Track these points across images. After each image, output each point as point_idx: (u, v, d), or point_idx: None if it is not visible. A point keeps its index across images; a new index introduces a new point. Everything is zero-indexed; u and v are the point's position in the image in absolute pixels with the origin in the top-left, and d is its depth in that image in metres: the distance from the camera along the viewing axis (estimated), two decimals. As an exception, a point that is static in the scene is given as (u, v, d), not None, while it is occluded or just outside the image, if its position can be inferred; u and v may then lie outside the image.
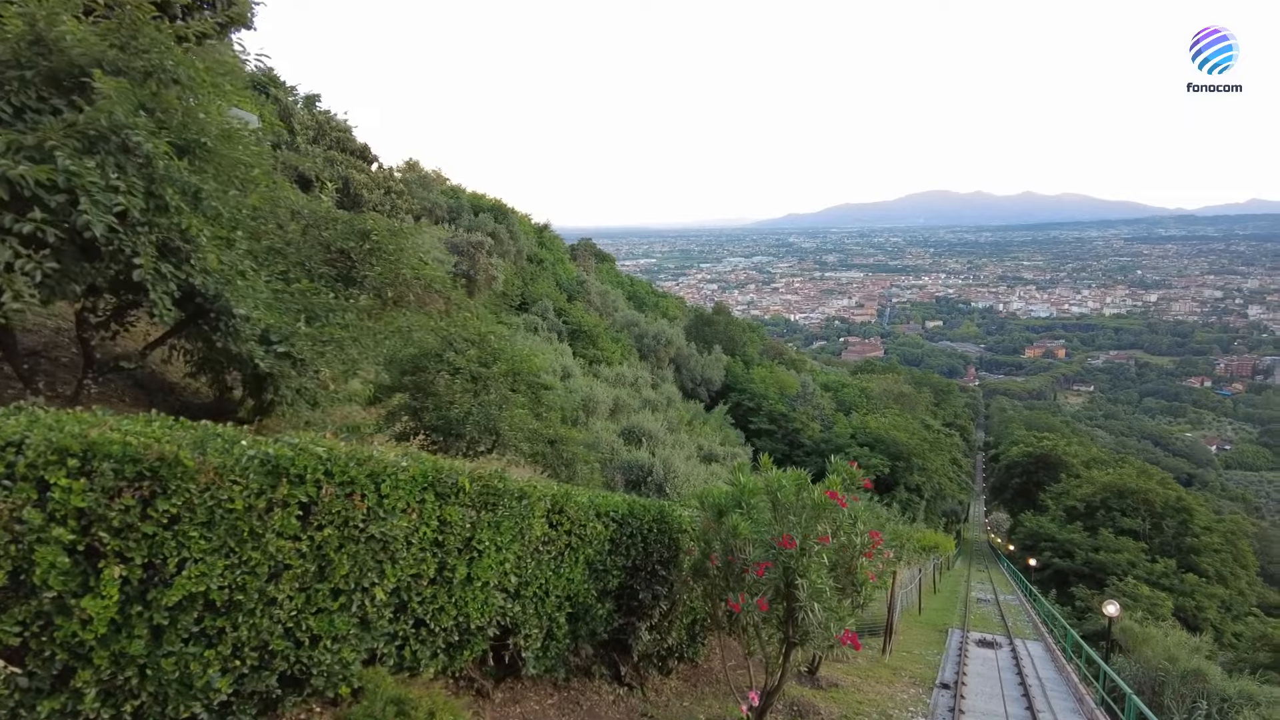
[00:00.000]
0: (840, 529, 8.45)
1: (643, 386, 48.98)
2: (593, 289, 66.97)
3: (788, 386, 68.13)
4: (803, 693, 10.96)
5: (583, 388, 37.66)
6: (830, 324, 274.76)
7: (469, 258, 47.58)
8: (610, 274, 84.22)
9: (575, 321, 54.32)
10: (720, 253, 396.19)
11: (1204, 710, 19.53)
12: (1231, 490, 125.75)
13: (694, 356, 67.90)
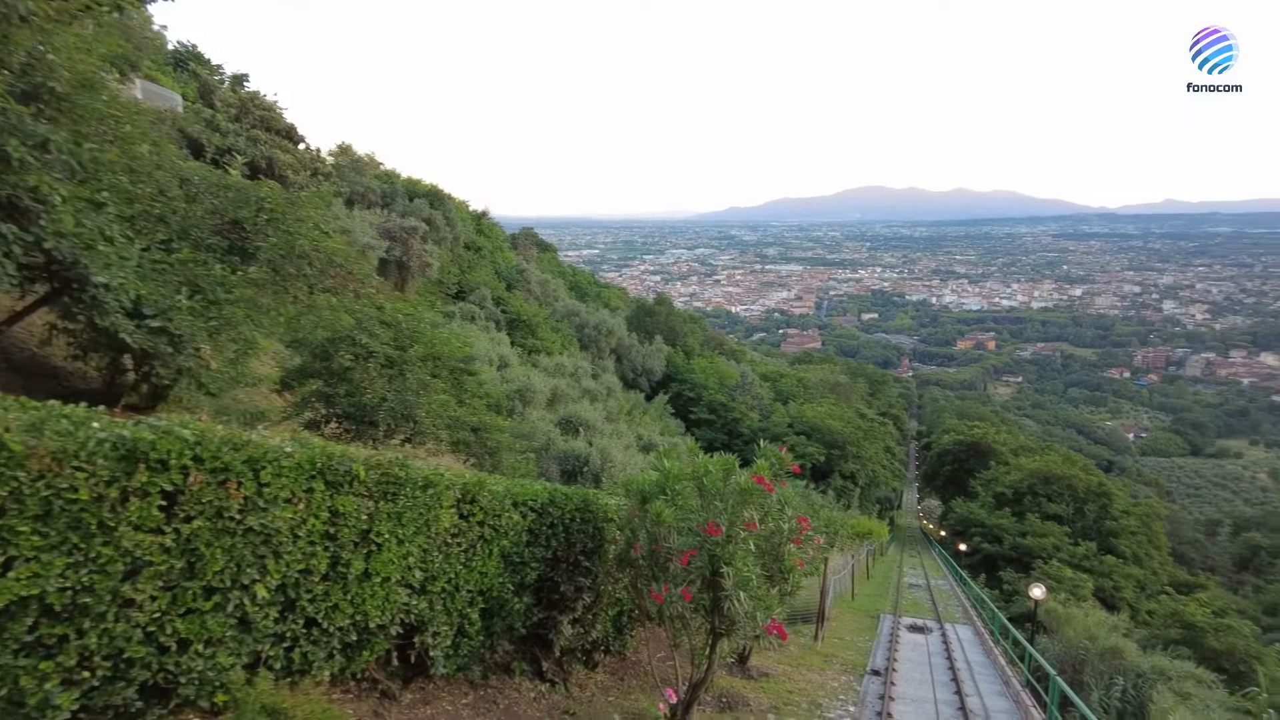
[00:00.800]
0: (768, 515, 8.20)
1: (583, 376, 48.45)
2: (533, 278, 66.05)
3: (728, 377, 68.47)
4: (732, 683, 10.74)
5: (519, 377, 36.96)
6: (770, 316, 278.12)
7: (402, 244, 46.25)
8: (552, 264, 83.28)
9: (514, 311, 53.45)
10: (663, 244, 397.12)
11: (1120, 686, 20.17)
12: (1146, 475, 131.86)
13: (635, 347, 67.65)
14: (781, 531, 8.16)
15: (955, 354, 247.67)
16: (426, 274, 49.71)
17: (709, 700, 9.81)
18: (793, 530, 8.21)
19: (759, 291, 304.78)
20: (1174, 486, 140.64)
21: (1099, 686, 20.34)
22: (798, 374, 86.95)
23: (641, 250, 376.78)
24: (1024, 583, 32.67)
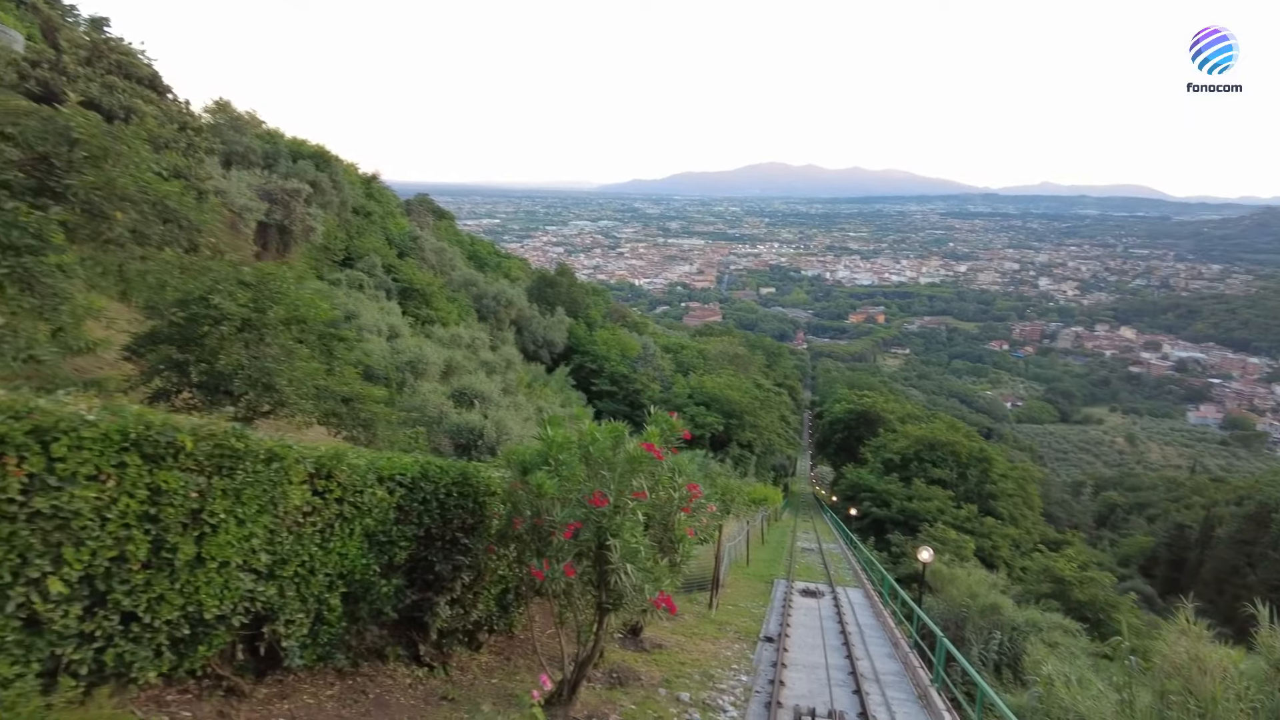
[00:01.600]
0: (659, 483, 7.86)
1: (480, 348, 47.22)
2: (428, 246, 63.68)
3: (630, 349, 68.33)
4: (624, 657, 10.44)
5: (411, 348, 35.56)
6: (673, 289, 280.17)
7: (284, 207, 43.51)
8: (449, 232, 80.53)
9: (406, 279, 51.39)
10: (566, 215, 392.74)
11: (998, 639, 21.16)
12: (1022, 442, 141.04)
13: (536, 318, 66.51)
14: (672, 500, 7.84)
15: (847, 327, 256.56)
16: (310, 239, 47.04)
17: (599, 676, 9.48)
18: (683, 498, 7.90)
19: (662, 265, 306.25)
20: (1045, 451, 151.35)
21: (979, 641, 21.26)
22: (698, 346, 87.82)
23: (544, 221, 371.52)
24: (911, 545, 34.10)
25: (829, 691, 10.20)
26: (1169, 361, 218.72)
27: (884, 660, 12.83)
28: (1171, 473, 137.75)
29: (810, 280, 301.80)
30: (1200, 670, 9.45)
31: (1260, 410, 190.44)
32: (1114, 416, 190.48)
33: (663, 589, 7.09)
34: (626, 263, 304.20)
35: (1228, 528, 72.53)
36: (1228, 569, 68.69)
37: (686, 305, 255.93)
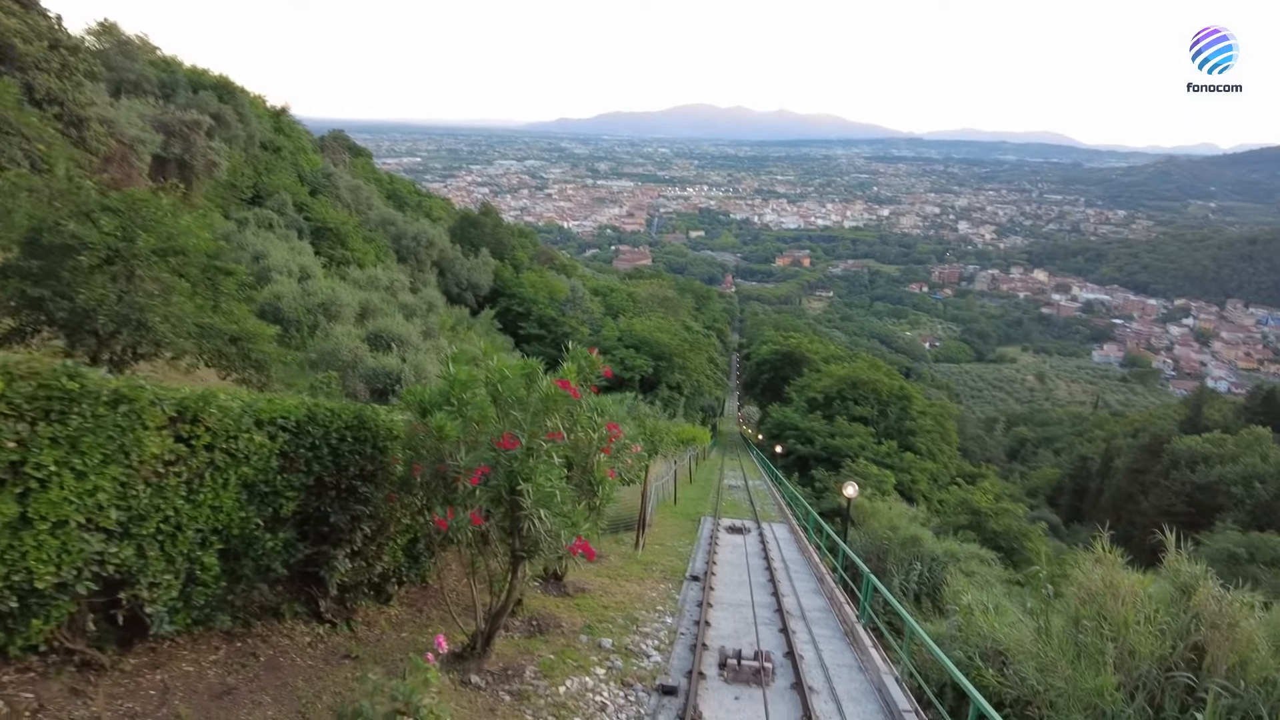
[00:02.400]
0: (578, 424, 7.33)
1: (400, 290, 45.51)
2: (342, 184, 60.67)
3: (558, 291, 67.22)
4: (545, 603, 10.05)
5: (323, 289, 33.90)
6: (602, 232, 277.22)
7: (183, 140, 40.54)
8: (367, 170, 76.92)
9: (319, 218, 48.90)
10: (491, 154, 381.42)
11: (918, 570, 21.79)
12: (939, 381, 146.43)
13: (460, 260, 64.63)
14: (592, 441, 7.35)
15: (774, 271, 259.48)
16: (214, 175, 44.13)
17: (518, 625, 9.06)
18: (603, 439, 7.41)
19: (591, 207, 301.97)
20: (961, 389, 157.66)
21: (900, 572, 21.85)
22: (628, 289, 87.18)
23: (468, 160, 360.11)
24: (834, 480, 34.80)
25: (755, 631, 10.05)
26: (1077, 303, 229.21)
27: (810, 596, 12.83)
28: (1076, 408, 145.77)
29: (739, 224, 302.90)
30: (1114, 596, 9.63)
31: (1156, 349, 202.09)
32: (1026, 356, 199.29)
33: (581, 534, 6.63)
34: (555, 204, 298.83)
35: (1125, 459, 77.15)
36: (1124, 496, 73.35)
37: (616, 249, 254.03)
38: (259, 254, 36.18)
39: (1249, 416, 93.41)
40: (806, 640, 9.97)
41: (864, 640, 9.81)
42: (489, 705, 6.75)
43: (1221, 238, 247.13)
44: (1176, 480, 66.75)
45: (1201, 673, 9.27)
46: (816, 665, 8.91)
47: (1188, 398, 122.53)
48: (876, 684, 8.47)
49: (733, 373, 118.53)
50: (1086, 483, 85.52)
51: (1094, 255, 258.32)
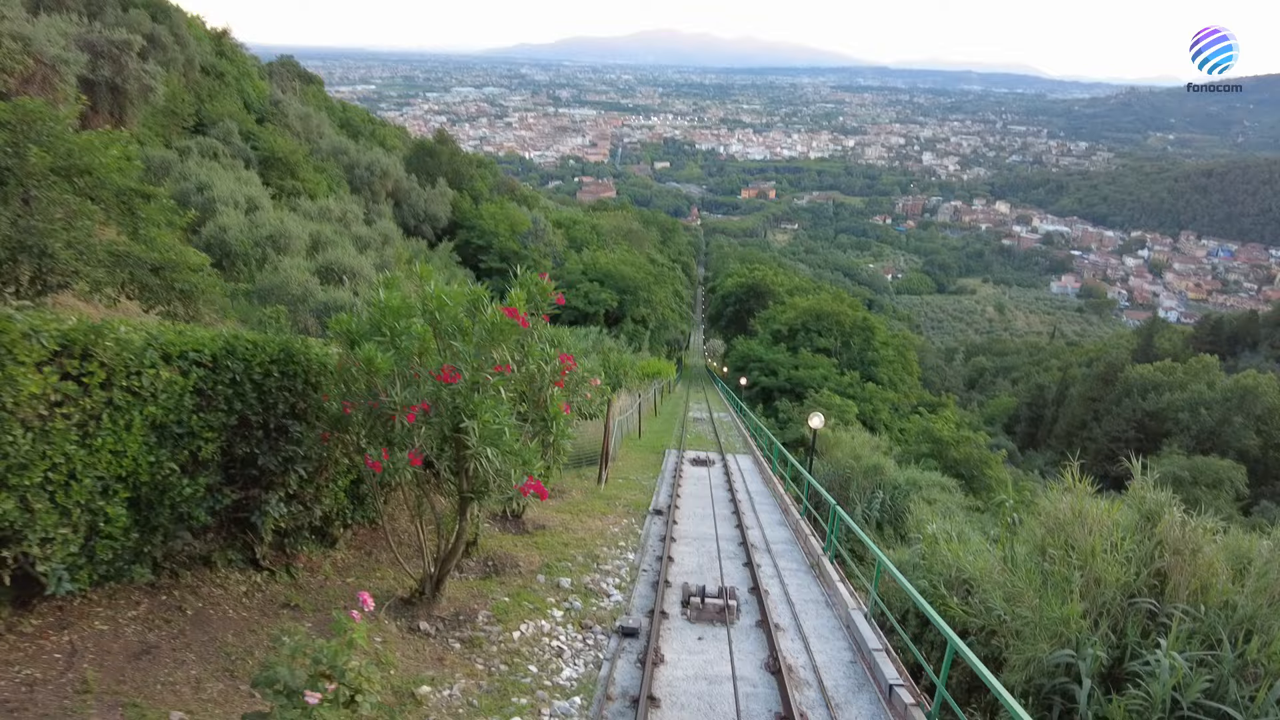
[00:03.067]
0: (529, 355, 6.78)
1: (353, 222, 43.89)
2: (291, 112, 57.78)
3: (519, 224, 65.61)
4: (502, 542, 9.66)
5: (271, 221, 32.44)
6: (565, 163, 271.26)
7: (113, 61, 37.89)
8: (318, 98, 73.26)
9: (267, 148, 46.59)
10: (448, 81, 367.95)
11: (880, 498, 21.98)
12: (900, 312, 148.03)
13: (416, 190, 62.60)
14: (543, 374, 6.81)
15: (740, 203, 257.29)
16: (150, 100, 41.57)
17: (472, 566, 8.67)
18: (556, 372, 6.88)
19: (553, 136, 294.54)
20: (922, 321, 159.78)
21: (862, 501, 22.02)
22: (591, 221, 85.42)
23: (424, 88, 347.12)
24: (798, 411, 34.92)
25: (719, 565, 9.82)
26: (1037, 235, 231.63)
27: (775, 529, 12.66)
28: (1034, 339, 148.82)
29: (704, 155, 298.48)
30: (1083, 525, 9.51)
31: (1111, 280, 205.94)
32: (986, 287, 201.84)
33: (534, 473, 6.14)
34: (515, 134, 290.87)
35: (1080, 387, 79.11)
36: (1077, 424, 75.46)
37: (580, 180, 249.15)
38: (203, 184, 34.43)
39: (1197, 345, 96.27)
40: (772, 574, 9.76)
41: (830, 574, 9.62)
42: (437, 654, 6.36)
43: (1178, 170, 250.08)
44: (1128, 407, 68.74)
45: (1164, 598, 9.27)
46: (782, 600, 8.70)
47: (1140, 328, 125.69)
48: (844, 620, 8.28)
49: (698, 306, 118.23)
50: (1042, 411, 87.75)
51: (1055, 187, 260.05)
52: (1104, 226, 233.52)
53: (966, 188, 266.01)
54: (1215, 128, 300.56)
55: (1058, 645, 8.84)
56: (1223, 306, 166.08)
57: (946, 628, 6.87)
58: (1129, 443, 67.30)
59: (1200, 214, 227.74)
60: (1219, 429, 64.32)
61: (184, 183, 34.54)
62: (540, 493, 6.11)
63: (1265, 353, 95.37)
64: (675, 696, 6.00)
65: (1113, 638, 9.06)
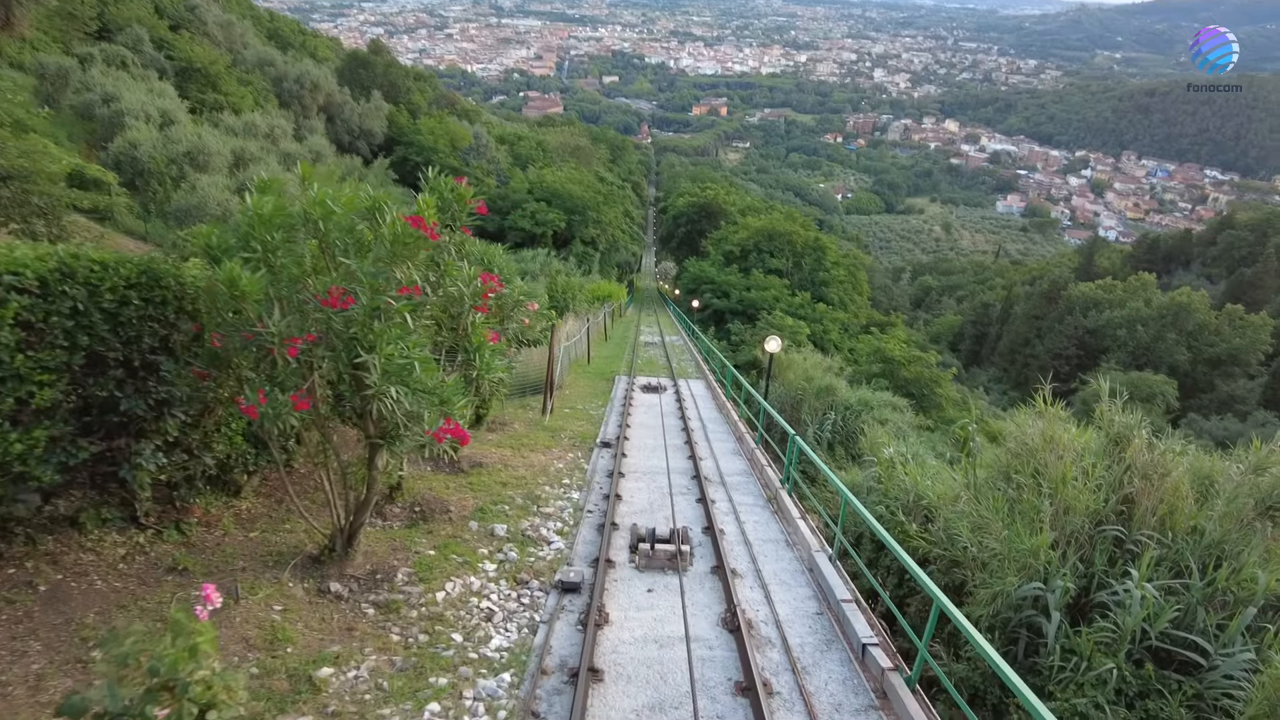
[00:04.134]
0: (445, 276, 5.75)
1: (281, 138, 41.16)
2: (210, 19, 53.34)
3: (460, 139, 62.63)
4: (433, 484, 8.77)
5: (189, 136, 29.96)
6: (509, 77, 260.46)
7: (-6, -47, 34.16)
8: (242, 6, 67.84)
9: (184, 57, 43.01)
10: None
11: (832, 419, 21.69)
12: (850, 232, 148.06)
13: (350, 104, 59.14)
14: (462, 297, 5.80)
15: (691, 120, 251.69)
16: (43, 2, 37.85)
17: (397, 513, 7.78)
18: (477, 294, 5.87)
19: (496, 49, 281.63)
20: (870, 240, 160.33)
21: (814, 422, 21.69)
22: (537, 137, 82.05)
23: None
24: (750, 334, 34.37)
25: (670, 503, 9.11)
26: (985, 154, 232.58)
27: (729, 459, 12.04)
28: (979, 258, 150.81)
29: (654, 69, 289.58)
30: (1054, 453, 9.03)
31: (1055, 199, 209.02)
32: (934, 206, 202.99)
33: (453, 414, 5.21)
34: (457, 45, 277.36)
35: (1025, 306, 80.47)
36: (1021, 341, 77.01)
37: (525, 95, 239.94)
38: (109, 96, 31.56)
39: (1135, 264, 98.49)
40: (727, 511, 9.11)
41: (790, 509, 9.00)
42: (347, 623, 5.52)
43: (1123, 89, 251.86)
44: (1070, 325, 70.21)
45: (1131, 525, 8.90)
46: (739, 541, 8.05)
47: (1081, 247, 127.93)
48: (807, 562, 7.65)
49: (649, 227, 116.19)
50: (987, 329, 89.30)
51: (1003, 106, 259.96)
52: (1050, 146, 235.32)
53: (917, 105, 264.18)
54: (1160, 46, 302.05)
55: (1025, 577, 8.45)
56: (1159, 226, 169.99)
57: (925, 578, 6.28)
58: (1069, 359, 69.09)
59: (1142, 134, 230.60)
60: (1153, 345, 66.24)
61: (87, 94, 31.63)
62: (460, 438, 5.20)
63: (1197, 270, 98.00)
64: (621, 666, 5.28)
65: (1080, 567, 8.69)
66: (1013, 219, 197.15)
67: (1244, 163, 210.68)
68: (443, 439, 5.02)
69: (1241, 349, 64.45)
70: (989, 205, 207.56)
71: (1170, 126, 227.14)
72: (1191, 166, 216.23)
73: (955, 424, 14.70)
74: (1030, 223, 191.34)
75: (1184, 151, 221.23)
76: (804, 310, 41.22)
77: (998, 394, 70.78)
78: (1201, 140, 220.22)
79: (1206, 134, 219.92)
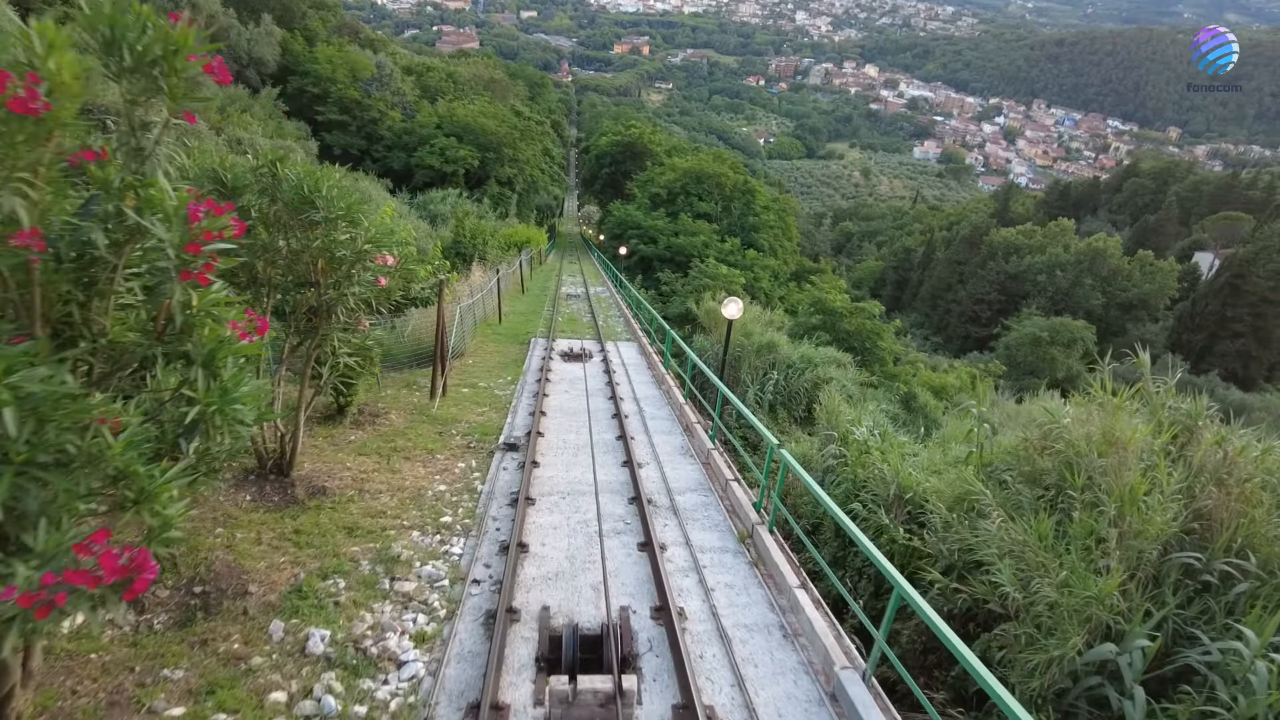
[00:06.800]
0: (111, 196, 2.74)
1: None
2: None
3: (361, 69, 56.87)
4: (239, 535, 5.76)
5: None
6: (422, 10, 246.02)
7: None
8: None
9: (14, -46, 36.35)
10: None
11: (774, 379, 19.57)
12: (773, 177, 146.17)
13: (236, 27, 52.56)
14: (159, 248, 2.82)
15: (613, 59, 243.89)
16: None
17: (165, 598, 4.80)
18: (185, 241, 2.88)
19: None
20: (792, 186, 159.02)
21: (755, 383, 19.51)
22: (448, 68, 75.92)
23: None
24: (681, 283, 31.72)
25: (600, 553, 6.37)
26: (903, 100, 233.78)
27: (678, 462, 9.24)
28: (897, 203, 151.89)
29: (574, 4, 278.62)
30: (1117, 458, 6.69)
31: (970, 146, 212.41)
32: (853, 152, 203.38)
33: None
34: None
35: (948, 251, 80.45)
36: (943, 286, 77.05)
37: (439, 29, 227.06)
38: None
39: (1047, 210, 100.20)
40: (685, 564, 6.33)
41: (778, 564, 6.25)
42: None
43: (1034, 38, 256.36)
44: (992, 270, 70.28)
45: (1211, 549, 6.68)
46: (710, 633, 5.26)
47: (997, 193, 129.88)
48: (822, 673, 4.95)
49: (571, 169, 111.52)
50: (908, 274, 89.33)
51: (922, 52, 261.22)
52: (965, 93, 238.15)
53: (838, 50, 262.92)
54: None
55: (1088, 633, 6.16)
56: (1065, 173, 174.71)
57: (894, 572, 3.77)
58: (991, 304, 69.36)
59: (1051, 82, 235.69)
60: (1071, 290, 66.98)
61: None
62: (143, 572, 2.28)
63: (1104, 217, 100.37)
64: None
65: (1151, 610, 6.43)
66: (929, 165, 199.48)
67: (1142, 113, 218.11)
68: (85, 554, 2.10)
69: (1151, 294, 65.83)
70: (906, 151, 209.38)
71: (1078, 76, 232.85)
72: (1096, 116, 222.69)
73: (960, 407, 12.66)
74: (946, 169, 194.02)
75: (1089, 101, 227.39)
76: (734, 257, 38.78)
77: (920, 339, 70.75)
78: (1105, 91, 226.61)
79: (1110, 84, 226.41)
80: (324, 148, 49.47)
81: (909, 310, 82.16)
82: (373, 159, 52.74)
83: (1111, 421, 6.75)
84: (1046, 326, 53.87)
